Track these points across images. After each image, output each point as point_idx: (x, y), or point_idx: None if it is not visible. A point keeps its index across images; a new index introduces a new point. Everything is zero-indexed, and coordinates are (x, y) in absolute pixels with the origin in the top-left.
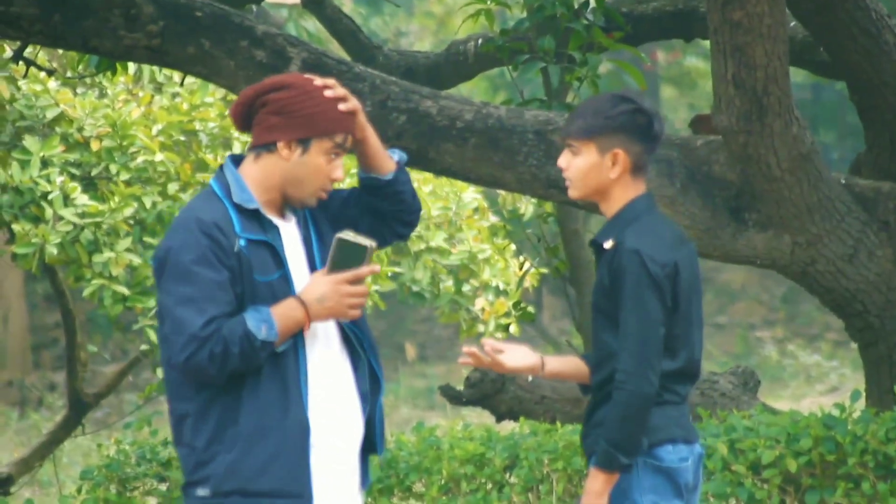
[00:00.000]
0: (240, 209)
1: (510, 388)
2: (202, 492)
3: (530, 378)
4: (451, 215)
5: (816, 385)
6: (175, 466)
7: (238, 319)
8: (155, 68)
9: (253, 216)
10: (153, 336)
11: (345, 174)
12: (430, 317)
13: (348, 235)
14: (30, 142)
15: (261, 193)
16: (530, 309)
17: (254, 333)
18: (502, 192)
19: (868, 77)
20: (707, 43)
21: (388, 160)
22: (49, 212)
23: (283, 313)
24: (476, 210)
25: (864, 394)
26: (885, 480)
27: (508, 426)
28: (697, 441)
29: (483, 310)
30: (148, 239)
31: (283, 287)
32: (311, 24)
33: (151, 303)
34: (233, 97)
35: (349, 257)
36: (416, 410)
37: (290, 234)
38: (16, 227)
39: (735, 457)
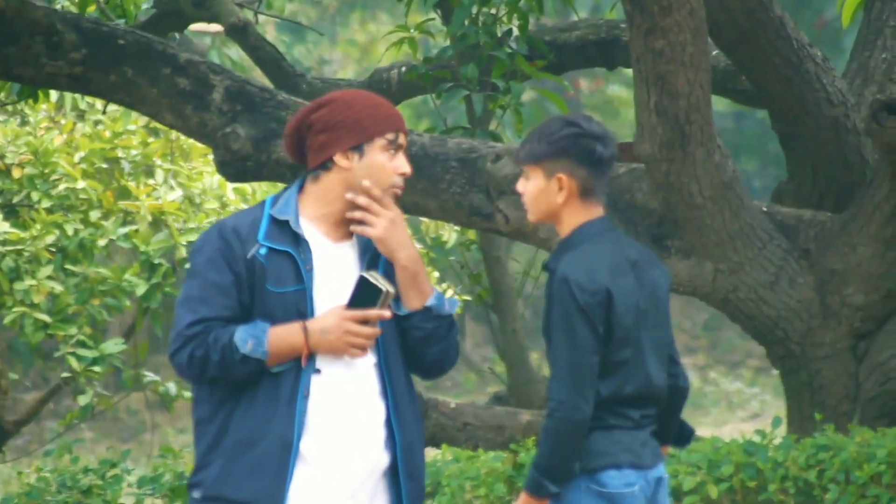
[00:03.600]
0: (273, 219)
1: (432, 414)
2: (196, 494)
3: (453, 404)
4: None
5: (738, 412)
6: (95, 493)
7: (230, 328)
8: (77, 96)
9: (286, 227)
10: (74, 363)
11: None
12: None
13: (371, 276)
14: None
15: (321, 207)
16: None
17: (237, 346)
18: (425, 220)
19: (790, 106)
20: (630, 71)
21: (416, 298)
22: None
23: (280, 335)
24: None
25: (785, 420)
26: None
27: (430, 453)
28: (654, 466)
29: None
30: (69, 266)
31: (297, 302)
32: (235, 52)
33: (73, 330)
34: (155, 125)
35: (366, 297)
36: None
37: (334, 254)
38: None
39: None
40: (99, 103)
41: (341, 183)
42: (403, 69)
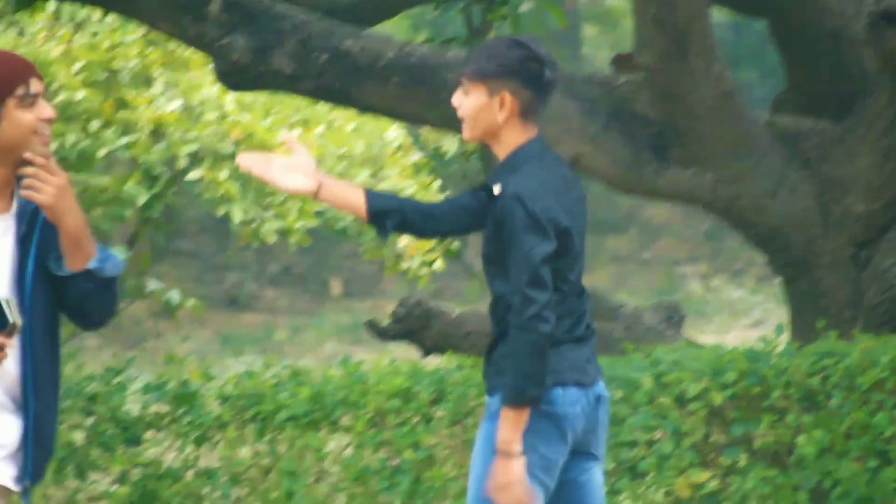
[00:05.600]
0: None
1: (436, 323)
2: None
3: (455, 313)
4: (375, 152)
5: (741, 319)
6: (100, 400)
7: None
8: (75, 6)
9: None
10: None
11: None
12: (354, 253)
13: (5, 302)
14: None
15: None
16: (455, 245)
17: None
18: (425, 130)
19: (789, 15)
20: None
21: (78, 261)
22: None
23: None
24: (399, 147)
25: (787, 328)
26: (808, 412)
27: (434, 361)
28: (596, 383)
29: (407, 247)
30: (71, 175)
31: None
32: None
33: None
34: (154, 35)
35: None
36: (341, 345)
37: None
38: None
39: (661, 390)
40: (97, 13)
41: None
42: None
